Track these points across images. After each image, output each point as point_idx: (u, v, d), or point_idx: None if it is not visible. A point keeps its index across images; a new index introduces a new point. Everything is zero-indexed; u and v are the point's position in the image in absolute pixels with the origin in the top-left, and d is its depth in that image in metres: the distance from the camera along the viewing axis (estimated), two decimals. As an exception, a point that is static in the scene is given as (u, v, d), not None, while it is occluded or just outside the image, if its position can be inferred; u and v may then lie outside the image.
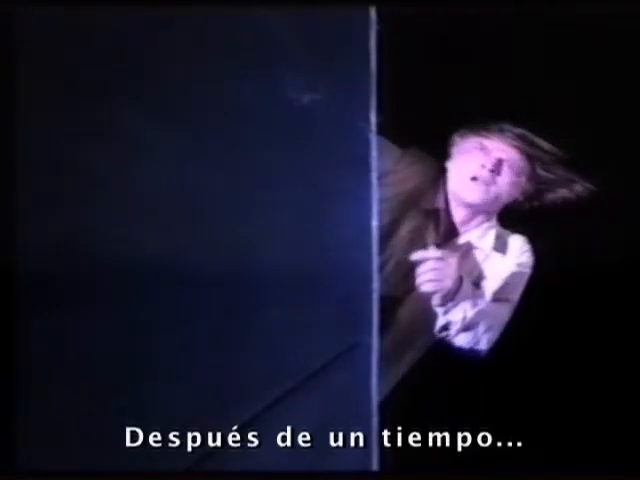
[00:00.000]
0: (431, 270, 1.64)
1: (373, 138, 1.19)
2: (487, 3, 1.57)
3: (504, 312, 1.81)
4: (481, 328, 1.74)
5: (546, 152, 1.76)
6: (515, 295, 1.83)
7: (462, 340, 1.76)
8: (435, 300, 1.69)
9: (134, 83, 0.79)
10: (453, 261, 1.66)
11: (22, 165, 0.72)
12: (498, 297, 1.80)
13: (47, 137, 0.73)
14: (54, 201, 0.76)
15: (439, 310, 1.73)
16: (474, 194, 1.76)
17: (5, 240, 0.73)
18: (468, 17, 1.57)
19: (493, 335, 1.78)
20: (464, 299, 1.69)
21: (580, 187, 1.78)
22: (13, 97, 0.72)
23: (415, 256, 1.67)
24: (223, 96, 0.93)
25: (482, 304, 1.72)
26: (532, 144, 1.75)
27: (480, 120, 1.76)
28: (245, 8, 0.94)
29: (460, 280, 1.68)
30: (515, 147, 1.75)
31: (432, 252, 1.65)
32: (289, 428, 1.10)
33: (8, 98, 0.72)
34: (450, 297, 1.68)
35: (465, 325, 1.73)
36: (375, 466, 1.26)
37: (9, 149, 0.72)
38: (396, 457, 1.34)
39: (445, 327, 1.76)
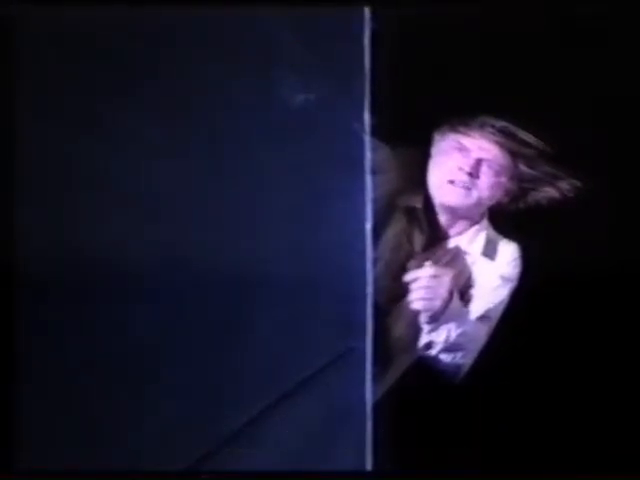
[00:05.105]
0: (423, 288, 1.64)
1: (367, 139, 1.20)
2: (485, 3, 1.58)
3: (484, 333, 1.81)
4: (461, 352, 1.75)
5: (529, 146, 1.73)
6: (496, 313, 1.82)
7: (441, 360, 1.77)
8: (423, 317, 1.70)
9: (133, 83, 0.79)
10: (446, 279, 1.66)
11: (22, 165, 0.73)
12: (481, 315, 1.79)
13: (47, 137, 0.73)
14: (54, 202, 0.77)
15: (425, 327, 1.74)
16: (452, 197, 1.70)
17: (5, 240, 0.74)
18: (464, 16, 1.57)
19: (471, 358, 1.79)
20: (450, 319, 1.70)
21: (566, 184, 1.76)
22: (13, 97, 0.72)
23: (410, 275, 1.67)
24: (219, 96, 0.93)
25: (466, 325, 1.73)
26: (514, 138, 1.72)
27: (461, 114, 1.74)
28: (239, 9, 0.95)
29: (450, 297, 1.68)
30: (496, 143, 1.70)
31: (427, 270, 1.64)
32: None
33: (8, 98, 0.72)
34: (437, 317, 1.69)
35: (447, 347, 1.74)
36: (369, 466, 1.26)
37: (9, 149, 0.72)
38: (389, 458, 1.35)
39: (428, 346, 1.77)
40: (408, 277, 1.68)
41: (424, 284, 1.67)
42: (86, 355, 0.80)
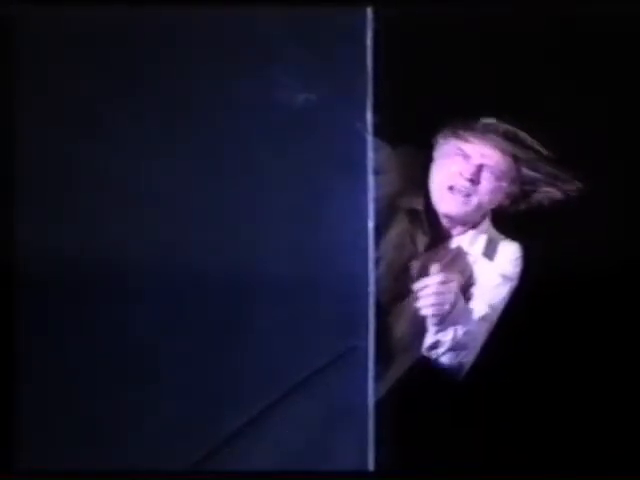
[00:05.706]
0: (433, 295, 1.64)
1: (369, 139, 1.19)
2: (484, 3, 1.57)
3: (485, 330, 1.81)
4: (465, 351, 1.76)
5: (531, 149, 1.73)
6: (496, 311, 1.83)
7: (446, 360, 1.77)
8: (431, 320, 1.69)
9: (133, 83, 0.79)
10: (454, 285, 1.66)
11: (22, 165, 0.73)
12: (483, 314, 1.80)
13: (47, 137, 0.73)
14: (54, 202, 0.77)
15: (431, 328, 1.73)
16: (451, 207, 1.70)
17: (5, 242, 0.74)
18: (464, 17, 1.57)
19: (473, 356, 1.80)
20: (457, 320, 1.70)
21: (567, 185, 1.76)
22: (13, 97, 0.72)
23: (419, 284, 1.67)
24: (219, 96, 0.93)
25: (470, 324, 1.73)
26: (516, 141, 1.71)
27: (463, 117, 1.74)
28: (239, 9, 0.95)
29: (457, 299, 1.70)
30: (498, 148, 1.72)
31: (435, 277, 1.64)
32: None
33: (8, 98, 0.72)
34: (445, 318, 1.69)
35: (453, 346, 1.74)
36: (371, 466, 1.26)
37: (9, 149, 0.72)
38: (391, 457, 1.34)
39: (434, 346, 1.77)
40: (417, 286, 1.68)
41: (434, 291, 1.66)
42: (86, 355, 0.80)
